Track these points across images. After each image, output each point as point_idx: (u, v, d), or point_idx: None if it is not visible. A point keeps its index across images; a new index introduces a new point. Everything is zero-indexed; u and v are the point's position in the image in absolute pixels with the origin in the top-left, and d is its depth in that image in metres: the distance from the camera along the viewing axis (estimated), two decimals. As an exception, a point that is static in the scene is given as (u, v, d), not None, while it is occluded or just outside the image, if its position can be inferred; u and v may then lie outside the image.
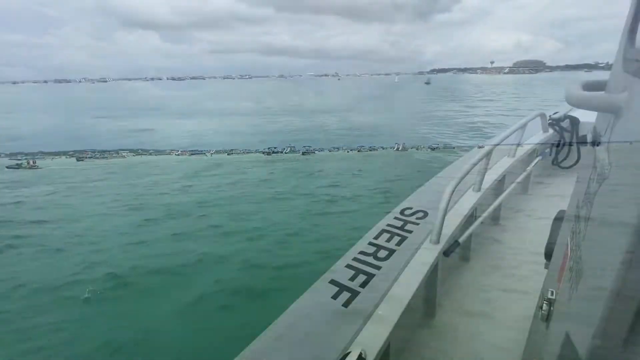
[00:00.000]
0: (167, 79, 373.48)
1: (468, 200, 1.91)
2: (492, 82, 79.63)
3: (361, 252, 1.44)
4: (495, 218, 2.42)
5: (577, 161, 3.05)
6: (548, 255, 1.07)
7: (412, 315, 1.48)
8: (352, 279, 1.30)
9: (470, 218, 1.92)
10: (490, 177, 2.15)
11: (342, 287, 1.25)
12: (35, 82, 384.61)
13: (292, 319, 1.15)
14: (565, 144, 3.22)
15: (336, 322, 1.13)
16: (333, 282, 1.29)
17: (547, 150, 3.16)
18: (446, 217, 1.49)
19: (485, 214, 1.97)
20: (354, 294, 1.22)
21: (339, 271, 1.36)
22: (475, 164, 1.72)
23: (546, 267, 1.09)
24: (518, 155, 2.62)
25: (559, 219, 1.09)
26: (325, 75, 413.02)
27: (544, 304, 0.74)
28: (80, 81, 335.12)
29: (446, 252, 1.52)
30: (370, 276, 1.30)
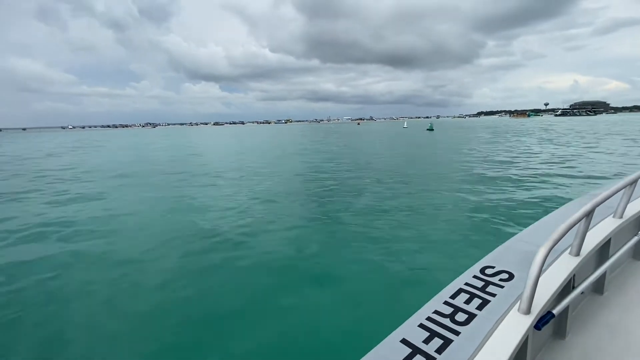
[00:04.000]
0: (212, 124, 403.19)
1: (564, 265, 1.61)
2: (528, 127, 64.31)
3: (436, 312, 1.29)
4: (598, 289, 2.08)
5: None
6: None
7: None
8: (427, 341, 1.14)
9: (568, 286, 1.64)
10: (592, 240, 1.80)
11: (415, 350, 1.10)
12: (102, 126, 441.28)
13: None
14: None
15: None
16: (405, 342, 1.14)
17: None
18: (538, 284, 1.30)
19: (586, 283, 1.64)
20: (430, 359, 1.08)
21: (411, 330, 1.19)
22: (573, 224, 1.42)
23: None
24: (627, 216, 2.15)
25: None
26: (361, 119, 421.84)
27: None
28: (144, 126, 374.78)
29: (538, 325, 1.32)
30: (447, 341, 1.14)
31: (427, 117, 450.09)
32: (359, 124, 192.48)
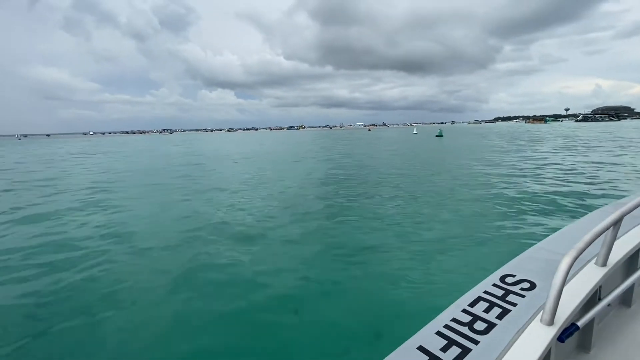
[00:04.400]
0: (227, 130, 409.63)
1: (590, 276, 1.55)
2: (545, 132, 66.23)
3: (454, 320, 1.25)
4: (625, 301, 1.98)
5: None
6: None
7: None
8: (445, 349, 1.10)
9: (593, 298, 1.58)
10: (620, 250, 1.72)
11: (432, 357, 1.07)
12: (122, 132, 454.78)
13: None
14: None
15: None
16: (422, 349, 1.11)
17: None
18: (561, 294, 1.26)
19: (613, 295, 1.58)
20: None
21: (429, 338, 1.16)
22: (599, 234, 1.37)
23: None
24: None
25: None
26: (374, 125, 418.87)
27: None
28: (161, 132, 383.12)
29: (561, 337, 1.27)
30: (466, 350, 1.10)
31: (442, 123, 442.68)
32: (370, 129, 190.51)
